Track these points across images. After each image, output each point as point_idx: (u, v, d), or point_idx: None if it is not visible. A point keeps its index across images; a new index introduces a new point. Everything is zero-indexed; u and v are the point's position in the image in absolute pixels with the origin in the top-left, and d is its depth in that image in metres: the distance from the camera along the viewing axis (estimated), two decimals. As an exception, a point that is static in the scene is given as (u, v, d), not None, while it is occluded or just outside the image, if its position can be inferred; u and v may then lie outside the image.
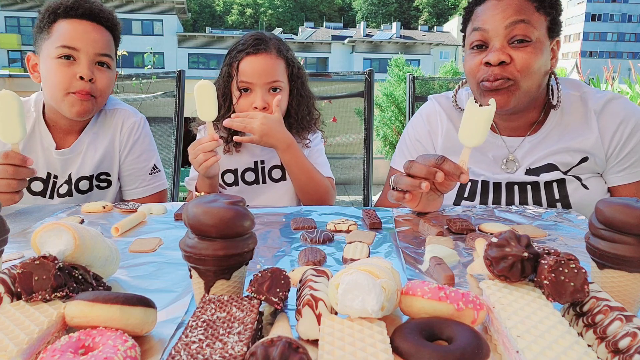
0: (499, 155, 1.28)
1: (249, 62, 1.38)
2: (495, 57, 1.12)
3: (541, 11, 1.14)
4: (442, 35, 45.63)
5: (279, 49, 1.42)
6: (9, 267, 0.57)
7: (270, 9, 61.31)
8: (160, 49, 35.62)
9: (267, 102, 1.38)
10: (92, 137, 1.44)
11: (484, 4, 1.17)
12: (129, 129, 1.49)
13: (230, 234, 0.57)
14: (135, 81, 2.48)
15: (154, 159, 1.56)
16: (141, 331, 0.53)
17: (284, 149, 1.34)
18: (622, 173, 1.21)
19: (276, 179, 1.50)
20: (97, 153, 1.44)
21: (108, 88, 1.39)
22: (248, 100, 1.39)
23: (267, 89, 1.39)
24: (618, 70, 4.94)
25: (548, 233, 0.95)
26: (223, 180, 1.49)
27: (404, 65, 7.05)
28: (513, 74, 1.13)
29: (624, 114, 1.19)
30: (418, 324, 0.50)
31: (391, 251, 0.85)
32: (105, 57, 1.35)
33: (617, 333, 0.48)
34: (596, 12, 49.64)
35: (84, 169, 1.42)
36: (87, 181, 1.43)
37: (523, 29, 1.11)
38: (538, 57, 1.13)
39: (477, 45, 1.18)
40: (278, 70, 1.40)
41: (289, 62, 1.45)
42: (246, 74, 1.38)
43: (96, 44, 1.32)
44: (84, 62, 1.30)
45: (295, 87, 1.46)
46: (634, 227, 0.56)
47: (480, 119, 0.98)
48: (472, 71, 1.19)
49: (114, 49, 1.40)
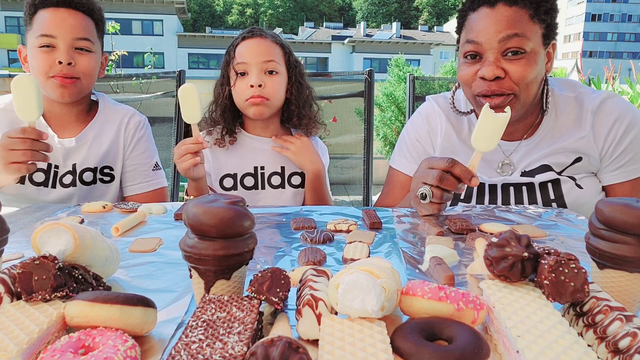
0: (495, 159, 1.28)
1: (245, 44, 1.41)
2: (490, 73, 1.11)
3: (536, 19, 1.11)
4: (442, 35, 45.61)
5: (274, 36, 1.45)
6: (9, 267, 0.57)
7: (270, 9, 61.32)
8: (160, 49, 35.61)
9: (263, 81, 1.38)
10: (98, 130, 1.49)
11: (477, 12, 1.15)
12: (134, 126, 1.54)
13: (230, 234, 0.57)
14: (135, 81, 2.47)
15: (156, 157, 1.61)
16: (141, 331, 0.53)
17: (312, 171, 1.42)
18: (617, 172, 1.21)
19: (275, 186, 1.49)
20: (102, 146, 1.48)
21: (92, 69, 1.41)
22: (244, 81, 1.40)
23: (263, 69, 1.39)
24: (619, 70, 4.94)
25: (548, 233, 0.95)
26: (222, 184, 1.48)
27: (404, 65, 7.04)
28: (511, 88, 1.12)
29: (619, 113, 1.19)
30: (418, 324, 0.50)
31: (391, 251, 0.85)
32: (84, 42, 1.37)
33: (617, 333, 0.48)
34: (596, 12, 49.61)
35: (89, 161, 1.46)
36: (91, 173, 1.46)
37: (517, 42, 1.10)
38: (533, 68, 1.12)
39: (471, 55, 1.16)
40: (274, 52, 1.41)
41: (286, 49, 1.46)
42: (242, 54, 1.40)
43: (73, 29, 1.35)
44: (62, 48, 1.34)
45: (294, 75, 1.46)
46: (634, 227, 0.56)
47: (495, 126, 0.98)
48: (466, 81, 1.18)
49: (94, 32, 1.42)
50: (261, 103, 1.39)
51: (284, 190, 1.49)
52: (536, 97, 1.19)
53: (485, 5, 1.13)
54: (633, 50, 49.54)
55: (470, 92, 1.19)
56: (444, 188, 1.01)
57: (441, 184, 1.00)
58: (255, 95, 1.38)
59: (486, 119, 0.99)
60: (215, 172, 1.50)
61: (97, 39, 1.43)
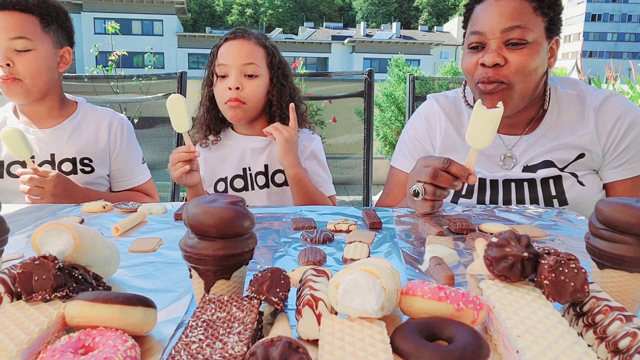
0: (496, 153, 1.29)
1: (227, 46, 1.42)
2: (490, 59, 1.13)
3: (539, 12, 1.14)
4: (442, 35, 45.63)
5: (258, 38, 1.44)
6: (9, 267, 0.57)
7: (270, 9, 61.32)
8: (160, 49, 35.61)
9: (241, 84, 1.39)
10: (77, 125, 1.53)
11: (483, 3, 1.18)
12: (120, 125, 1.60)
13: (230, 234, 0.57)
14: (135, 81, 2.47)
15: (141, 150, 1.71)
16: (141, 331, 0.53)
17: (293, 165, 1.39)
18: (619, 169, 1.22)
19: (261, 186, 1.49)
20: (81, 139, 1.52)
21: (34, 68, 1.40)
22: (224, 83, 1.40)
23: (242, 72, 1.40)
24: (620, 70, 4.94)
25: (548, 233, 0.94)
26: (216, 189, 1.49)
27: (404, 65, 7.04)
28: (507, 77, 1.14)
29: (622, 110, 1.20)
30: (418, 324, 0.50)
31: (391, 251, 0.85)
32: (20, 41, 1.36)
33: (617, 333, 0.48)
34: (596, 12, 49.64)
35: (68, 151, 1.49)
36: (70, 163, 1.50)
37: (519, 33, 1.12)
38: (534, 59, 1.13)
39: (474, 46, 1.19)
40: (255, 55, 1.41)
41: (269, 51, 1.45)
42: (223, 56, 1.41)
43: (5, 30, 1.35)
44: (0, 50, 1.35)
45: (276, 76, 1.46)
46: (634, 227, 0.56)
47: (487, 121, 0.98)
48: (469, 70, 1.21)
49: (37, 29, 1.39)
50: (238, 107, 1.40)
51: (269, 190, 1.49)
52: (536, 90, 1.20)
53: None
54: (633, 50, 49.54)
55: (472, 81, 1.21)
56: (438, 185, 1.01)
57: (434, 181, 1.00)
58: (232, 98, 1.39)
59: (479, 115, 0.98)
60: (210, 177, 1.51)
61: (41, 35, 1.40)
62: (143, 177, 1.67)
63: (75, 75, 2.43)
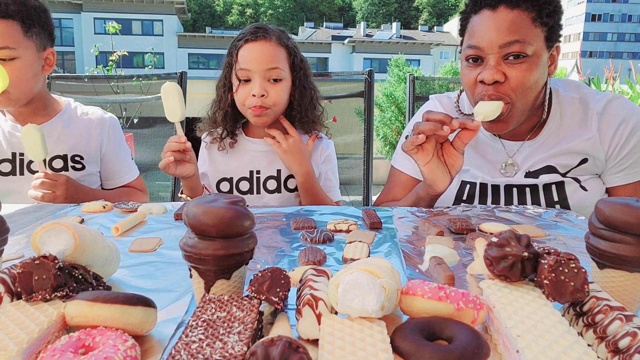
0: (498, 159, 1.28)
1: (248, 48, 1.34)
2: (490, 77, 1.10)
3: (538, 22, 1.10)
4: (442, 36, 45.61)
5: (279, 37, 1.38)
6: (9, 267, 0.57)
7: (270, 9, 61.32)
8: (160, 49, 35.59)
9: (266, 90, 1.34)
10: (66, 123, 1.53)
11: (479, 14, 1.14)
12: (111, 124, 1.62)
13: (231, 233, 0.57)
14: (135, 82, 2.47)
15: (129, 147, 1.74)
16: (141, 331, 0.53)
17: (300, 173, 1.39)
18: (621, 174, 1.21)
19: (271, 190, 1.47)
20: (72, 137, 1.52)
21: (18, 77, 1.36)
22: (247, 88, 1.35)
23: (266, 77, 1.35)
24: (619, 70, 4.94)
25: (548, 233, 0.95)
26: (218, 188, 1.47)
27: (404, 65, 7.05)
28: (507, 94, 1.11)
29: (625, 114, 1.19)
30: (418, 324, 0.50)
31: (391, 251, 0.85)
32: (1, 51, 1.31)
33: (617, 333, 0.48)
34: (596, 12, 49.61)
35: (58, 149, 1.50)
36: (61, 160, 1.50)
37: (518, 47, 1.08)
38: (533, 73, 1.10)
39: (473, 58, 1.16)
40: (278, 58, 1.35)
41: (291, 51, 1.40)
42: (245, 60, 1.34)
43: None
44: None
45: (298, 78, 1.41)
46: (634, 226, 0.56)
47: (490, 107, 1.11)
48: (470, 87, 1.18)
49: (18, 35, 1.34)
50: (262, 113, 1.36)
51: (280, 195, 1.47)
52: (536, 102, 1.18)
53: (487, 7, 1.12)
54: (633, 50, 49.52)
55: (472, 97, 1.19)
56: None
57: (420, 128, 1.05)
58: (257, 105, 1.34)
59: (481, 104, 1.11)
60: (213, 175, 1.49)
61: (24, 41, 1.36)
62: (133, 173, 1.70)
63: (75, 75, 2.44)
